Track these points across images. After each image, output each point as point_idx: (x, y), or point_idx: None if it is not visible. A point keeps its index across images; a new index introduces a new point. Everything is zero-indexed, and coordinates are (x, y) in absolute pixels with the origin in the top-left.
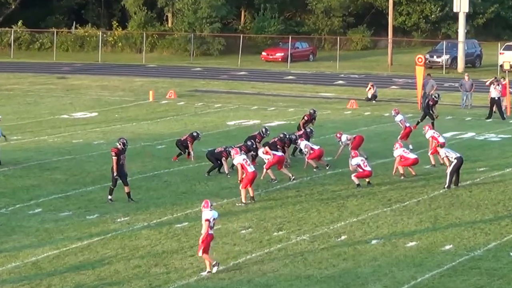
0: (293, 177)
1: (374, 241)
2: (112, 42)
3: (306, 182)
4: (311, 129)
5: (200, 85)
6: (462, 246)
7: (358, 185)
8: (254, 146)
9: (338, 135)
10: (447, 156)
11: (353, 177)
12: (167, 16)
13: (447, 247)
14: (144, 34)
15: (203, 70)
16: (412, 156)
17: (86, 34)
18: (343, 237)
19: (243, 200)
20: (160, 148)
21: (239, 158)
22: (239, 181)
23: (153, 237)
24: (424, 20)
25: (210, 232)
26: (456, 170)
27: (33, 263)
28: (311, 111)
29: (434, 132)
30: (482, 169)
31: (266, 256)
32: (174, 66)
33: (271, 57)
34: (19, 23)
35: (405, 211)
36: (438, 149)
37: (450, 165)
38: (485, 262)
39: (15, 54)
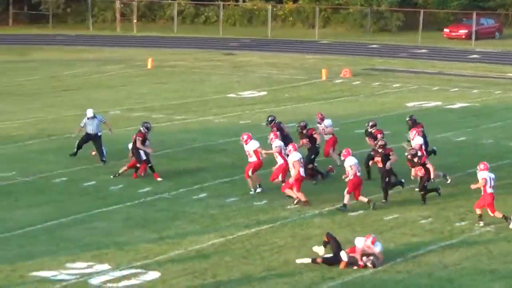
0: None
1: None
2: (283, 17)
3: None
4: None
5: (377, 64)
6: None
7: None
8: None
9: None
10: None
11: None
12: None
13: None
14: (317, 8)
15: (380, 47)
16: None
17: (255, 7)
18: None
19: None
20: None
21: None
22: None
23: (325, 225)
24: None
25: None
26: None
27: (197, 251)
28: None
29: None
30: None
31: (447, 248)
32: (349, 42)
33: (453, 34)
34: None
35: None
36: None
37: None
38: None
39: (178, 29)
